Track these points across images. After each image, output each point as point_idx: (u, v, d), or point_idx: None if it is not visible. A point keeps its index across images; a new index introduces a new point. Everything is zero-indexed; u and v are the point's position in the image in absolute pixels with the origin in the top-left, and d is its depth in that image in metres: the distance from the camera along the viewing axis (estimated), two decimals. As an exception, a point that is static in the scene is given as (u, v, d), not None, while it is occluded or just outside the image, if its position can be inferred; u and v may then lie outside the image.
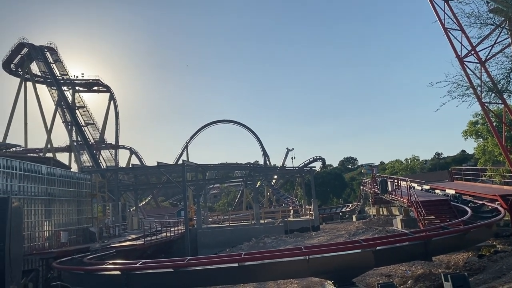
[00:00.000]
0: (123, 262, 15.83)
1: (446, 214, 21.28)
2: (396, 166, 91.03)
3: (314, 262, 12.59)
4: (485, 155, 42.59)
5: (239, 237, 33.44)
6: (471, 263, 14.97)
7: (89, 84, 78.60)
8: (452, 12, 26.79)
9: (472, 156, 72.67)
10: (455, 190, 26.48)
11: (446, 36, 28.40)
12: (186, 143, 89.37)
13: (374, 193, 40.12)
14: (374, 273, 14.95)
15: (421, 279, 13.22)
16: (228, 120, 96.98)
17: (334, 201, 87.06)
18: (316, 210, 44.24)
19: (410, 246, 13.45)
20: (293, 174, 64.92)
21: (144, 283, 13.96)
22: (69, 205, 28.99)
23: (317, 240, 28.68)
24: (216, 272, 13.08)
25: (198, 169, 43.99)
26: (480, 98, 23.44)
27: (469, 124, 43.92)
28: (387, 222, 34.08)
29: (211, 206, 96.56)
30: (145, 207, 77.65)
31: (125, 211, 46.23)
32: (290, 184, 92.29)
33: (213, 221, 49.72)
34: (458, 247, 15.28)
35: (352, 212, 61.19)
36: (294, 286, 15.35)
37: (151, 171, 50.22)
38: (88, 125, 74.84)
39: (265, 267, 12.91)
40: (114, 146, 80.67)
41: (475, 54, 27.36)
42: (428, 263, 14.74)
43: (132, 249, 24.50)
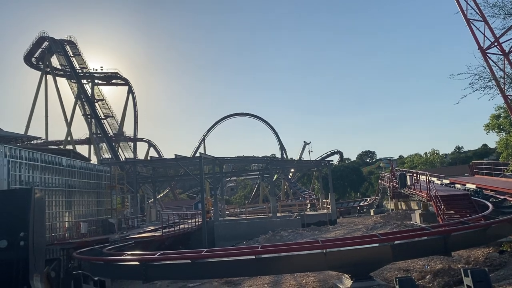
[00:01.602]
0: (142, 253, 16.08)
1: (466, 209, 20.99)
2: (415, 160, 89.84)
3: (331, 256, 12.58)
4: (507, 149, 41.66)
5: (255, 230, 33.54)
6: (491, 259, 14.73)
7: (108, 77, 79.49)
8: (475, 2, 26.17)
9: (494, 150, 71.20)
10: (476, 184, 26.08)
11: (468, 27, 27.79)
12: (203, 136, 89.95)
13: (393, 187, 39.78)
14: (392, 268, 14.84)
15: (440, 274, 13.07)
16: (245, 113, 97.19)
17: (351, 195, 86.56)
18: (334, 204, 44.05)
19: (429, 241, 13.31)
20: (310, 167, 64.70)
21: (162, 274, 14.16)
22: (89, 197, 29.47)
23: (334, 233, 28.59)
24: (233, 264, 13.18)
25: (215, 162, 44.17)
26: (503, 90, 22.92)
27: (491, 118, 42.99)
28: (405, 217, 33.78)
29: (228, 198, 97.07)
30: (163, 199, 78.48)
31: (143, 203, 46.79)
32: (307, 178, 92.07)
33: (230, 213, 49.96)
34: (479, 242, 15.04)
35: (370, 206, 60.78)
36: (311, 279, 15.34)
37: (169, 163, 50.66)
38: (107, 118, 75.76)
39: (282, 260, 12.95)
40: (133, 138, 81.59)
41: (498, 45, 26.70)
42: (447, 258, 14.55)
43: (151, 241, 24.82)
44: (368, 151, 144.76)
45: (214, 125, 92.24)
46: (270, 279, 16.39)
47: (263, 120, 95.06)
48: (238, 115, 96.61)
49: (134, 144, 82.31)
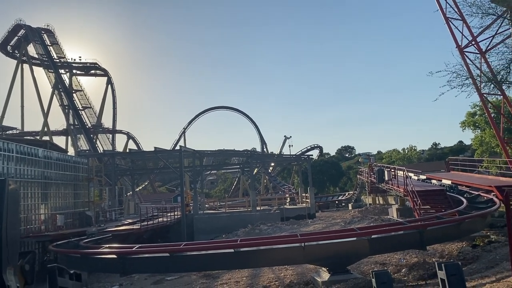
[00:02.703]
0: (119, 246, 15.93)
1: (442, 204, 21.44)
2: (393, 155, 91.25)
3: (309, 249, 12.69)
4: (482, 146, 42.75)
5: (235, 224, 33.59)
6: (464, 253, 15.11)
7: (87, 68, 77.95)
8: (454, 1, 26.62)
9: (469, 147, 72.90)
10: (452, 180, 26.62)
11: (447, 26, 28.28)
12: (183, 129, 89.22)
13: (371, 182, 40.32)
14: (369, 261, 15.08)
15: (415, 268, 13.34)
16: (226, 106, 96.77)
17: (330, 190, 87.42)
18: (313, 198, 44.42)
19: (405, 235, 13.57)
20: (290, 161, 65.05)
21: (140, 267, 14.06)
22: (66, 189, 28.99)
23: (313, 227, 28.86)
24: (212, 258, 13.17)
25: (195, 155, 43.97)
26: (479, 88, 23.43)
27: (467, 115, 43.98)
28: (382, 211, 34.30)
29: (208, 192, 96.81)
30: (141, 192, 77.78)
31: (121, 196, 46.29)
32: (287, 172, 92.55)
33: (210, 207, 49.89)
34: (453, 237, 15.40)
35: (348, 200, 61.55)
36: (289, 272, 15.47)
37: (148, 156, 50.18)
38: (85, 109, 74.43)
39: (260, 253, 13.01)
40: (111, 130, 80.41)
41: (475, 44, 27.26)
42: (422, 252, 14.86)
43: (129, 234, 24.60)
44: (347, 146, 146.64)
45: (194, 118, 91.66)
46: (248, 272, 16.46)
47: (244, 114, 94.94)
48: (219, 108, 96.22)
49: (113, 136, 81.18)
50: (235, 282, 15.33)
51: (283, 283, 14.07)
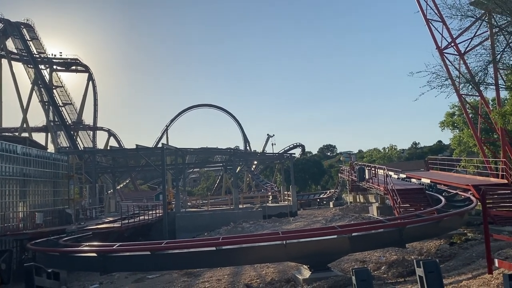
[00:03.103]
0: (100, 244, 15.73)
1: (421, 203, 21.80)
2: (374, 154, 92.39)
3: (291, 247, 12.77)
4: (460, 146, 43.55)
5: (217, 222, 33.58)
6: (442, 250, 15.39)
7: (67, 64, 76.71)
8: (434, 3, 27.07)
9: (448, 146, 74.26)
10: (431, 179, 27.10)
11: (427, 27, 28.74)
12: (166, 127, 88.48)
13: (352, 181, 40.72)
14: (349, 259, 15.24)
15: (395, 265, 13.53)
16: (209, 104, 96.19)
17: (312, 188, 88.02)
18: (295, 196, 44.69)
19: (385, 233, 13.76)
20: (273, 160, 65.25)
21: (120, 265, 13.94)
22: (45, 186, 28.53)
23: (295, 225, 29.03)
24: (194, 256, 13.14)
25: (177, 153, 43.72)
26: (457, 89, 23.86)
27: (446, 115, 44.75)
28: (363, 209, 34.69)
29: (190, 190, 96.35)
30: (123, 190, 77.01)
31: (102, 194, 45.78)
32: (270, 170, 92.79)
33: (192, 205, 49.73)
34: (431, 234, 15.69)
35: (329, 198, 62.08)
36: (270, 270, 15.53)
37: (129, 153, 49.69)
38: (66, 105, 73.33)
39: (242, 251, 13.05)
40: (92, 127, 79.34)
41: (455, 46, 27.78)
42: (401, 250, 15.09)
43: (109, 232, 24.36)
44: (329, 145, 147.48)
45: (177, 115, 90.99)
46: (230, 270, 16.47)
47: (227, 112, 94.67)
48: (202, 106, 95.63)
49: (94, 133, 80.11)
50: (216, 280, 15.32)
51: (265, 280, 14.12)
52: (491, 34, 19.54)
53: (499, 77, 21.50)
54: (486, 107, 29.56)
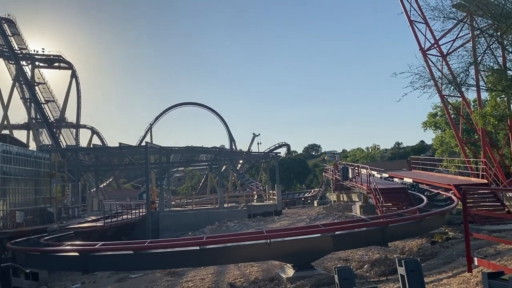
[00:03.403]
0: (82, 244, 15.54)
1: (403, 202, 22.04)
2: (358, 154, 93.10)
3: (275, 246, 12.79)
4: (442, 146, 44.19)
5: (202, 221, 33.48)
6: (424, 249, 15.58)
7: (50, 60, 75.44)
8: (418, 4, 27.41)
9: (430, 146, 75.15)
10: (413, 178, 27.41)
11: (411, 28, 29.08)
12: (150, 125, 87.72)
13: (336, 180, 40.98)
14: (333, 257, 15.35)
15: (377, 264, 13.66)
16: (194, 103, 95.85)
17: (297, 187, 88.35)
18: (280, 195, 44.81)
19: (367, 232, 13.87)
20: (258, 159, 65.31)
21: (103, 265, 13.81)
22: (26, 185, 28.03)
23: (279, 224, 29.13)
24: (177, 255, 13.07)
25: (161, 151, 43.43)
26: (440, 90, 24.21)
27: (429, 116, 45.35)
28: (346, 208, 34.93)
29: (175, 189, 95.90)
30: (106, 188, 76.16)
31: (85, 192, 45.24)
32: (255, 169, 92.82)
33: (176, 204, 49.47)
34: (413, 233, 15.87)
35: (314, 197, 62.36)
36: (254, 269, 15.55)
37: (113, 152, 49.18)
38: (48, 102, 72.23)
39: (226, 250, 13.03)
40: (75, 125, 78.27)
41: (437, 47, 28.18)
42: (384, 249, 15.25)
43: (92, 231, 24.12)
44: (314, 145, 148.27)
45: (162, 113, 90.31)
46: (214, 269, 16.45)
47: (213, 111, 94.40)
48: (187, 105, 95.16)
49: (77, 131, 79.02)
50: (200, 279, 15.28)
51: (248, 279, 14.13)
52: (473, 36, 19.88)
53: (480, 79, 21.86)
54: (468, 108, 30.06)
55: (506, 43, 15.35)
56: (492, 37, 15.31)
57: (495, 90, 17.65)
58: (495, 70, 16.23)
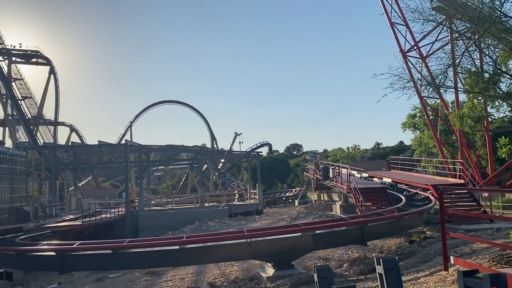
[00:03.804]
0: (59, 243, 15.27)
1: (382, 201, 22.28)
2: (338, 154, 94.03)
3: (255, 245, 12.79)
4: (421, 146, 45.00)
5: (182, 220, 33.25)
6: (402, 248, 15.78)
7: (28, 56, 73.76)
8: (399, 6, 27.77)
9: (409, 147, 76.33)
10: (392, 178, 27.74)
11: (391, 30, 29.46)
12: (130, 123, 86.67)
13: (316, 179, 41.21)
14: (313, 256, 15.43)
15: (356, 263, 13.79)
16: (176, 101, 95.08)
17: (278, 186, 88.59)
18: (261, 194, 44.85)
19: (347, 231, 14.00)
20: (240, 158, 65.23)
21: (80, 264, 13.57)
22: (1, 183, 27.43)
23: (260, 223, 29.17)
24: (157, 255, 12.95)
25: (141, 150, 42.97)
26: (419, 91, 24.56)
27: (408, 117, 46.07)
28: (327, 207, 35.16)
29: (155, 188, 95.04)
30: (84, 187, 74.98)
31: (63, 191, 44.46)
32: (237, 168, 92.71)
33: (156, 203, 49.02)
34: (392, 232, 16.08)
35: (295, 197, 62.61)
36: (234, 268, 15.52)
37: (92, 150, 48.47)
38: (25, 98, 70.76)
39: (206, 250, 12.96)
40: (53, 122, 76.81)
41: (417, 49, 28.62)
42: (363, 248, 15.40)
43: (69, 230, 23.72)
44: (295, 144, 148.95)
45: (142, 111, 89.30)
46: (194, 268, 16.35)
47: (195, 109, 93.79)
48: (168, 103, 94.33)
49: (55, 128, 77.63)
50: (180, 279, 15.18)
51: (228, 279, 14.09)
52: (451, 39, 20.25)
53: (458, 81, 22.26)
54: (446, 109, 30.62)
55: (483, 46, 15.66)
56: (470, 40, 15.62)
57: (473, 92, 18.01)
58: (472, 73, 16.54)
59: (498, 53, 15.43)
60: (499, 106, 26.00)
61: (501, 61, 15.64)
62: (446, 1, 16.46)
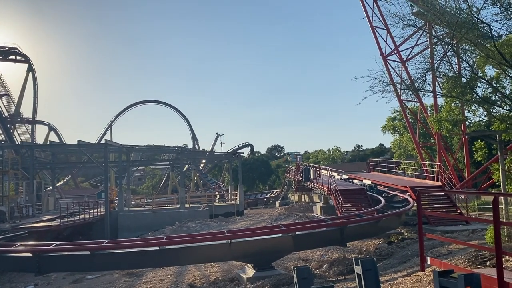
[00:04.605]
0: (35, 244, 14.99)
1: (362, 203, 22.55)
2: (319, 155, 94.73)
3: (235, 246, 12.79)
4: (400, 149, 45.69)
5: (162, 221, 33.01)
6: (381, 249, 16.00)
7: (5, 53, 72.18)
8: (380, 11, 28.20)
9: (389, 149, 77.46)
10: (372, 180, 28.11)
11: (372, 34, 29.86)
12: (110, 122, 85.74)
13: (297, 181, 41.46)
14: (293, 257, 15.51)
15: (336, 264, 13.91)
16: (157, 101, 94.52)
17: (259, 187, 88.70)
18: (242, 195, 44.83)
19: (327, 232, 14.12)
20: (221, 159, 65.11)
21: (57, 266, 13.36)
22: (-24, 182, 26.78)
23: (241, 224, 29.16)
24: (136, 256, 12.83)
25: (122, 150, 42.51)
26: (399, 95, 24.91)
27: (388, 120, 46.75)
28: (308, 209, 35.37)
29: (135, 188, 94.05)
30: (62, 187, 73.80)
31: (40, 191, 43.60)
32: (218, 169, 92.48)
33: (136, 204, 48.53)
34: (371, 234, 16.28)
35: (276, 198, 62.76)
36: (214, 269, 15.49)
37: (70, 149, 47.67)
38: (2, 96, 69.36)
39: (186, 251, 12.91)
40: (31, 121, 75.44)
41: (397, 53, 29.08)
42: (342, 249, 15.55)
43: (47, 231, 23.31)
44: (277, 145, 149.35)
45: (123, 111, 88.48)
46: (173, 270, 16.26)
47: (176, 109, 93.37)
48: (149, 102, 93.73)
49: (33, 127, 76.29)
50: (159, 280, 15.07)
51: (208, 280, 14.06)
52: (431, 43, 20.62)
53: (436, 85, 22.66)
54: (424, 113, 31.16)
55: (461, 51, 15.99)
56: (448, 45, 15.92)
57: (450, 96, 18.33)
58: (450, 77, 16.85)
59: (475, 59, 15.78)
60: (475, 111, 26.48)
61: (478, 67, 15.99)
62: (426, 6, 16.73)
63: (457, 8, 14.40)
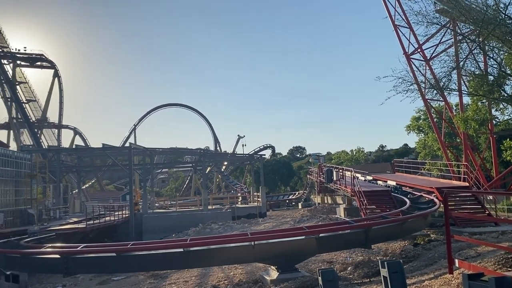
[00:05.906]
0: (63, 246, 15.32)
1: (387, 204, 22.23)
2: (342, 156, 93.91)
3: (259, 248, 12.75)
4: (425, 149, 44.89)
5: (185, 223, 33.26)
6: (406, 251, 15.73)
7: (32, 59, 74.16)
8: (402, 9, 27.78)
9: (413, 149, 76.19)
10: (396, 181, 27.69)
11: (395, 33, 29.45)
12: (134, 126, 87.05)
13: (320, 182, 41.16)
14: (317, 260, 15.38)
15: (360, 266, 13.74)
16: (179, 104, 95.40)
17: (281, 189, 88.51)
18: (264, 197, 44.83)
19: (351, 234, 13.94)
20: (243, 161, 65.25)
21: (84, 267, 13.57)
22: (6, 185, 27.52)
23: (263, 226, 29.10)
24: (161, 257, 12.93)
25: (145, 152, 43.08)
26: (423, 94, 24.51)
27: (412, 119, 46.02)
28: (331, 210, 35.11)
29: (159, 191, 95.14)
30: (88, 190, 75.18)
31: (67, 194, 44.58)
32: (240, 171, 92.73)
33: (160, 206, 49.09)
34: (396, 235, 16.00)
35: (298, 199, 62.53)
36: (238, 271, 15.50)
37: (95, 153, 48.65)
38: (30, 102, 71.12)
39: (210, 252, 12.92)
40: (57, 125, 77.12)
41: (421, 52, 28.59)
42: (367, 251, 15.35)
43: (73, 233, 23.77)
44: (298, 147, 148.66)
45: (146, 114, 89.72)
46: (197, 271, 16.34)
47: (198, 112, 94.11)
48: (172, 106, 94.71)
49: (59, 131, 77.89)
50: (183, 281, 15.17)
51: (232, 282, 14.08)
52: (455, 41, 20.17)
53: (462, 84, 22.22)
54: (450, 112, 30.54)
55: (488, 48, 15.62)
56: (474, 43, 15.57)
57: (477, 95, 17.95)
58: (476, 75, 16.50)
59: (502, 56, 15.39)
60: (503, 109, 25.88)
61: (506, 64, 15.58)
62: (450, 3, 16.44)
63: (484, 4, 14.07)
